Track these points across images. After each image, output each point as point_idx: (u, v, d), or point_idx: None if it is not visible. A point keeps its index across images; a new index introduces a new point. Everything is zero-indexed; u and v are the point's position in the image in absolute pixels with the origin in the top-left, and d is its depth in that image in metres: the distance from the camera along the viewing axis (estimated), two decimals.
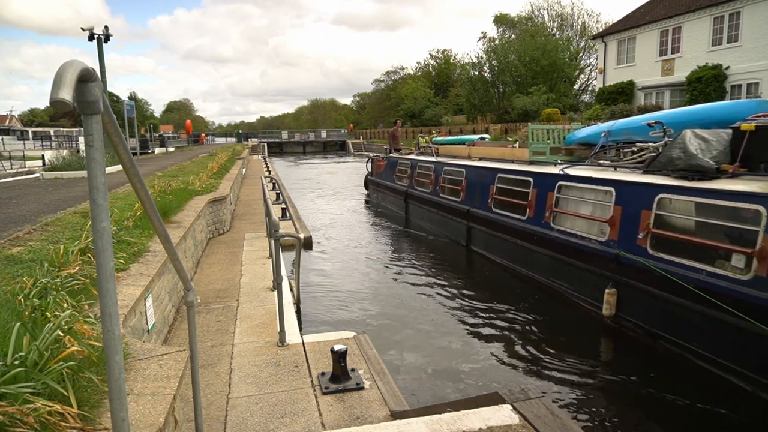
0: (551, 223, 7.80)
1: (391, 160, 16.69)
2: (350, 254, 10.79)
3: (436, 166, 12.74)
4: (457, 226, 10.95)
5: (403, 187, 14.68)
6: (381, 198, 17.54)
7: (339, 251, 11.05)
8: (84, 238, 4.38)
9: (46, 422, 1.92)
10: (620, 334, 6.22)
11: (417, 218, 13.70)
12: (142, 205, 1.86)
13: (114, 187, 9.16)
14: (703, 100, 22.78)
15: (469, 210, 10.36)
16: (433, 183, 12.68)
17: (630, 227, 6.23)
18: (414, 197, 13.91)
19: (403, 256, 10.66)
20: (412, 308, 7.37)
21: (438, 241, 11.59)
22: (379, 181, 17.73)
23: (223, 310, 5.72)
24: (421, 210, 13.43)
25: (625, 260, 6.12)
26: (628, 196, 6.39)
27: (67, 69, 1.14)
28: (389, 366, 4.61)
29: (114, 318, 1.33)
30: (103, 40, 21.62)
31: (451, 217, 11.27)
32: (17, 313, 2.67)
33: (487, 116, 41.27)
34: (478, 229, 10.12)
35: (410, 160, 14.84)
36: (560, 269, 7.52)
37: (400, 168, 15.60)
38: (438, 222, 12.18)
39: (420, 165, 13.96)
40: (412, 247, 11.53)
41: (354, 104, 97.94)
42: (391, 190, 16.00)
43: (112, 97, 53.37)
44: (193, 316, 2.75)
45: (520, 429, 2.65)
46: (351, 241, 12.04)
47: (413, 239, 12.24)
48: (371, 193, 19.18)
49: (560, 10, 50.20)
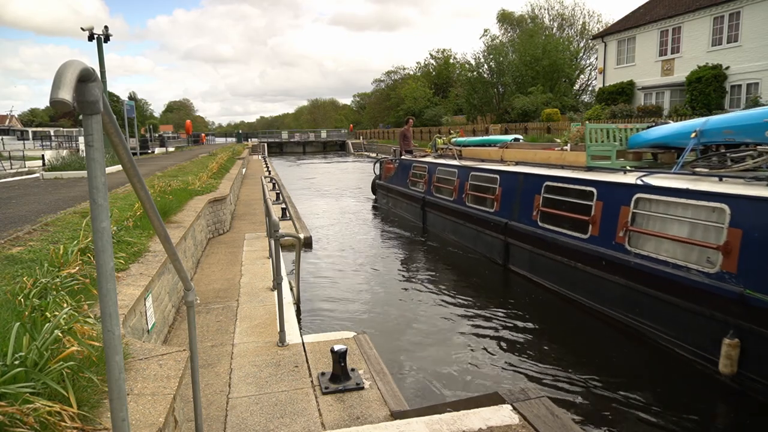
0: (626, 244, 6.30)
1: (404, 163, 15.25)
2: (357, 260, 10.26)
3: (460, 171, 11.28)
4: (491, 240, 9.47)
5: (420, 194, 13.27)
6: (392, 204, 16.02)
7: (345, 258, 10.92)
8: (84, 238, 4.38)
9: (46, 422, 1.92)
10: (620, 334, 6.21)
11: (437, 228, 12.27)
12: (142, 205, 1.86)
13: (114, 187, 9.16)
14: (703, 100, 22.82)
15: (507, 224, 8.81)
16: (457, 190, 11.21)
17: (757, 258, 4.82)
18: (433, 205, 12.43)
19: (418, 266, 9.91)
20: (413, 308, 7.37)
21: (465, 256, 10.19)
22: (389, 185, 16.24)
23: (223, 310, 5.72)
24: (442, 220, 11.95)
25: (754, 302, 4.69)
26: (753, 217, 4.93)
27: (67, 69, 1.14)
28: (389, 366, 4.61)
29: (114, 318, 1.33)
30: (103, 40, 21.62)
31: (483, 230, 9.80)
32: (17, 313, 2.67)
33: (486, 116, 41.27)
34: (519, 247, 8.57)
35: (427, 164, 13.39)
36: (643, 305, 6.01)
37: (414, 172, 14.18)
38: (465, 235, 10.69)
39: (440, 169, 12.45)
40: (430, 258, 10.49)
41: (354, 104, 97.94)
42: (405, 197, 14.58)
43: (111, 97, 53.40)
44: (193, 316, 2.75)
45: (520, 429, 2.65)
46: (359, 249, 11.09)
47: (431, 251, 11.06)
48: (380, 199, 17.67)
49: (561, 10, 50.26)
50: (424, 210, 12.97)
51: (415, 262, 10.29)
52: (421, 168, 13.78)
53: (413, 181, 14.13)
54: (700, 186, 5.66)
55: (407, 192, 14.36)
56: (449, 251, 10.72)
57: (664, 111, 24.64)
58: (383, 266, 9.80)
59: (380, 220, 15.04)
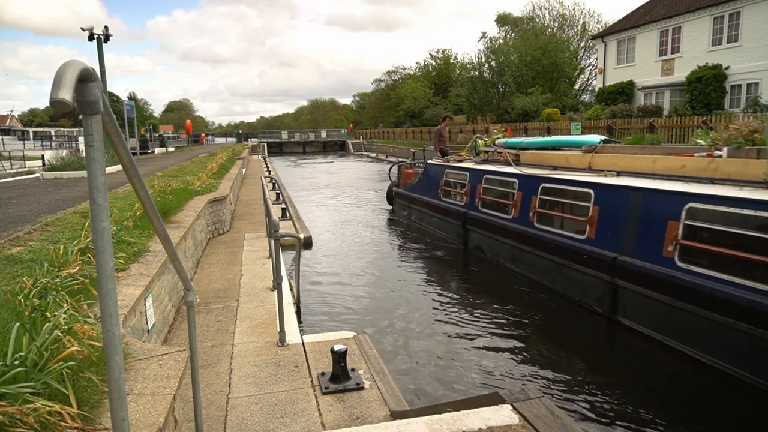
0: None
1: (432, 169, 12.87)
2: (365, 268, 9.94)
3: (523, 182, 8.80)
4: (584, 280, 6.91)
5: (459, 208, 10.88)
6: (417, 217, 13.61)
7: (347, 261, 10.98)
8: (84, 238, 4.38)
9: (46, 422, 1.92)
10: (619, 334, 6.21)
11: (488, 253, 9.69)
12: (142, 205, 1.86)
13: (114, 187, 9.16)
14: (703, 100, 22.83)
15: (616, 259, 6.35)
16: (518, 206, 8.77)
17: None
18: (480, 223, 9.95)
19: (458, 295, 7.81)
20: (413, 308, 7.37)
21: (534, 295, 7.69)
22: (411, 195, 13.89)
23: (223, 310, 5.72)
24: (496, 244, 9.38)
25: None
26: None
27: (66, 69, 1.14)
28: (389, 366, 4.61)
29: (114, 318, 1.33)
30: (103, 40, 21.62)
31: (568, 264, 7.27)
32: (17, 313, 2.67)
33: (486, 116, 41.27)
34: (641, 294, 6.02)
35: (468, 171, 10.88)
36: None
37: (449, 180, 11.76)
38: (535, 266, 8.11)
39: (489, 178, 10.03)
40: (478, 292, 7.99)
41: (354, 104, 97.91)
42: (436, 210, 12.13)
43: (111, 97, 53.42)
44: (193, 316, 2.75)
45: (520, 429, 2.65)
46: (378, 273, 9.10)
47: (478, 280, 8.83)
48: (398, 209, 15.24)
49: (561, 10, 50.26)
50: (465, 228, 10.50)
51: (457, 291, 8.21)
52: (460, 175, 11.30)
53: (447, 192, 11.78)
54: None
55: (439, 204, 11.97)
56: (507, 285, 8.33)
57: (664, 111, 24.64)
58: (393, 274, 9.79)
59: (401, 235, 12.67)
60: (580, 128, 23.74)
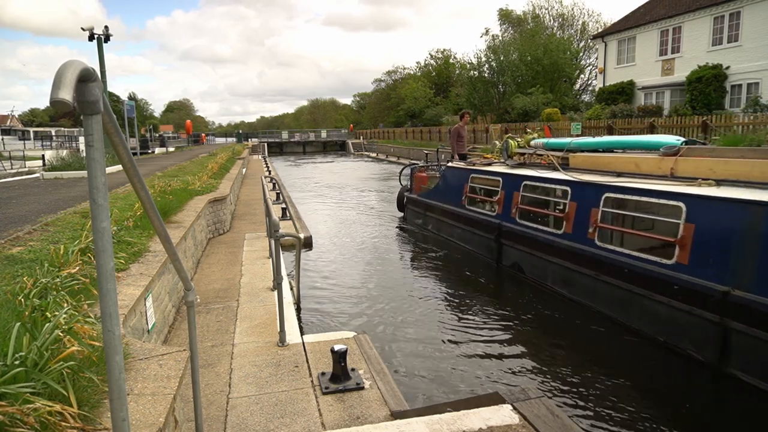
0: None
1: (453, 173, 11.39)
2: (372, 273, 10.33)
3: (577, 191, 7.34)
4: (682, 318, 5.52)
5: (491, 219, 9.37)
6: (435, 227, 12.08)
7: (346, 261, 10.97)
8: (84, 238, 4.38)
9: (46, 422, 1.92)
10: (620, 335, 6.21)
11: (531, 273, 8.18)
12: (142, 205, 1.86)
13: (114, 187, 9.16)
14: (703, 100, 22.83)
15: (728, 294, 5.00)
16: (571, 219, 7.32)
17: None
18: (519, 238, 8.49)
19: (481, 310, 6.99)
20: (413, 309, 7.37)
21: (602, 328, 6.41)
22: (428, 201, 12.43)
23: (223, 310, 5.72)
24: (541, 263, 7.88)
25: None
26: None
27: (67, 69, 1.14)
28: (389, 366, 4.62)
29: (114, 318, 1.33)
30: (103, 40, 21.63)
31: (648, 294, 5.94)
32: (17, 313, 2.67)
33: (486, 116, 41.27)
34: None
35: (502, 176, 9.36)
36: None
37: (475, 185, 10.42)
38: (601, 294, 6.69)
39: (529, 185, 8.54)
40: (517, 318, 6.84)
41: (354, 104, 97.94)
42: (460, 219, 10.61)
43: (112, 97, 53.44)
44: (193, 316, 2.75)
45: (520, 429, 2.65)
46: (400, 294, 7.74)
47: (514, 303, 7.46)
48: (411, 217, 13.85)
49: (560, 10, 50.26)
50: (500, 242, 9.04)
51: (458, 293, 7.87)
52: (490, 181, 9.83)
53: (474, 199, 10.43)
54: None
55: (464, 214, 10.46)
56: (554, 310, 7.06)
57: (665, 111, 24.64)
58: (395, 276, 9.78)
59: (416, 248, 11.26)
60: (581, 128, 23.73)
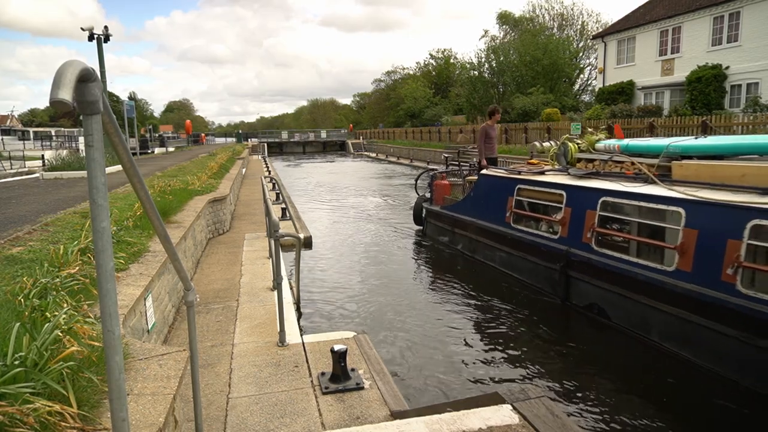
0: None
1: (491, 182, 9.26)
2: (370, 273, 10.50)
3: (699, 215, 5.33)
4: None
5: (553, 244, 7.35)
6: (467, 247, 9.94)
7: (345, 261, 10.92)
8: (84, 238, 4.38)
9: (46, 422, 1.92)
10: (619, 335, 6.21)
11: (621, 318, 6.22)
12: (142, 205, 1.86)
13: (114, 187, 9.16)
14: (703, 100, 22.84)
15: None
16: (689, 254, 5.33)
17: None
18: (600, 272, 6.45)
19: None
20: (413, 309, 7.37)
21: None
22: (455, 216, 10.26)
23: (223, 310, 5.72)
24: (641, 309, 5.88)
25: None
26: None
27: (67, 69, 1.14)
28: (389, 366, 4.62)
29: (114, 318, 1.33)
30: (103, 40, 21.62)
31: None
32: (17, 313, 2.67)
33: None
34: None
35: (566, 189, 7.31)
36: None
37: (522, 199, 8.36)
38: (750, 361, 4.80)
39: (611, 202, 6.50)
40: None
41: (354, 104, 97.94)
42: (505, 242, 8.52)
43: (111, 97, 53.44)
44: (193, 316, 2.75)
45: (520, 429, 2.65)
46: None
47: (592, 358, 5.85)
48: (433, 233, 11.56)
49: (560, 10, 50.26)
50: (566, 274, 7.05)
51: (459, 294, 7.19)
52: (547, 194, 7.77)
53: (522, 216, 8.37)
54: None
55: (511, 234, 8.35)
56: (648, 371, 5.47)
57: (664, 111, 24.64)
58: (398, 277, 9.77)
59: (439, 269, 9.55)
60: (580, 128, 23.73)
